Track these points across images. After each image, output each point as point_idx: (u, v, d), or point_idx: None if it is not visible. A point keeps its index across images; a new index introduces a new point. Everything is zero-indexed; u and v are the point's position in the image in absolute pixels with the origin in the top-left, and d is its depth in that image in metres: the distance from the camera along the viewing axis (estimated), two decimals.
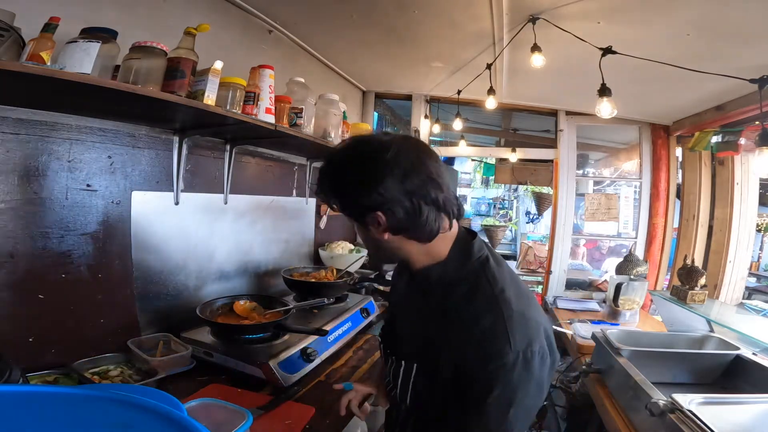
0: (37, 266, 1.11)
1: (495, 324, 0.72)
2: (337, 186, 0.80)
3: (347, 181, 0.78)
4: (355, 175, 0.77)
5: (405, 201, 0.74)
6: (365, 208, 0.76)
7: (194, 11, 1.53)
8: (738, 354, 1.52)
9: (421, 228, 0.76)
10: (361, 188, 0.75)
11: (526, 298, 0.80)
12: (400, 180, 0.73)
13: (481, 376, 0.71)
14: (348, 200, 0.79)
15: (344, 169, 0.79)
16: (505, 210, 8.47)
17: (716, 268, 2.58)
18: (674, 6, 1.46)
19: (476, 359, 0.72)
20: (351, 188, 0.77)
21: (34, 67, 0.79)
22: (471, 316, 0.75)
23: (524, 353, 0.71)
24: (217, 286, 1.73)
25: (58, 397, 0.58)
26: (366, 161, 0.77)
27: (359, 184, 0.75)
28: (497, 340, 0.71)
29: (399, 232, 0.77)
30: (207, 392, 1.17)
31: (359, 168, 0.77)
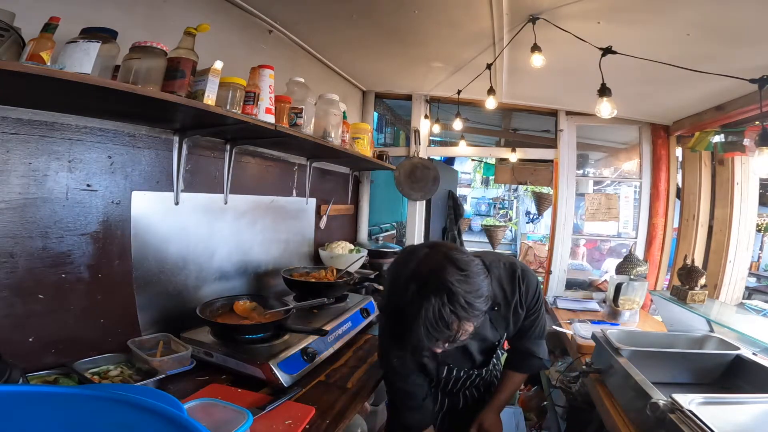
0: (37, 266, 1.11)
1: (523, 271, 1.27)
2: (484, 300, 0.98)
3: (486, 287, 1.01)
4: (483, 278, 1.01)
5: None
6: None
7: (194, 11, 1.53)
8: (738, 354, 1.52)
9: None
10: (483, 300, 0.99)
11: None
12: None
13: (535, 299, 1.30)
14: (489, 304, 1.04)
15: (481, 283, 0.99)
16: (505, 210, 8.48)
17: (716, 268, 2.58)
18: (674, 6, 1.46)
19: (530, 294, 1.28)
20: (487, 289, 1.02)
21: (34, 67, 0.79)
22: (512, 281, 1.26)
23: (534, 273, 1.32)
24: (217, 286, 1.73)
25: (58, 397, 0.58)
26: (482, 271, 1.04)
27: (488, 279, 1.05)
28: (531, 276, 1.28)
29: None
30: (207, 392, 1.17)
31: (482, 275, 1.02)
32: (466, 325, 0.96)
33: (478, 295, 0.95)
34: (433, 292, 0.90)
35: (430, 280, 0.92)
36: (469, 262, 0.97)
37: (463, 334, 0.97)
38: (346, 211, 2.94)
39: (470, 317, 0.94)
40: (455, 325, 0.93)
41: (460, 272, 0.93)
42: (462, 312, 0.91)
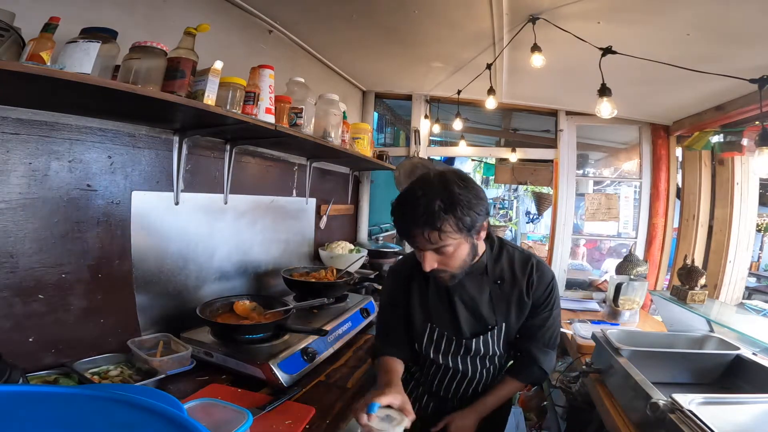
0: (37, 266, 1.11)
1: (538, 262, 1.23)
2: (466, 204, 1.00)
3: (473, 198, 1.02)
4: (477, 194, 1.04)
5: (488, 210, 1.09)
6: (482, 217, 1.04)
7: (194, 11, 1.53)
8: (738, 354, 1.52)
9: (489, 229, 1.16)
10: (481, 204, 1.04)
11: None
12: (485, 199, 1.07)
13: (547, 294, 1.23)
14: (475, 214, 1.02)
15: (464, 190, 1.02)
16: (505, 210, 8.47)
17: (716, 268, 2.58)
18: (674, 6, 1.46)
19: (542, 287, 1.22)
20: (477, 205, 1.02)
21: (34, 67, 0.79)
22: (524, 267, 1.22)
23: (552, 271, 1.26)
24: (217, 286, 1.73)
25: (58, 397, 0.58)
26: (474, 183, 1.07)
27: (481, 201, 1.04)
28: (546, 270, 1.24)
29: (484, 231, 1.11)
30: (207, 392, 1.17)
31: (475, 188, 1.05)
32: (450, 226, 0.99)
33: (474, 196, 1.01)
34: (432, 184, 1.02)
35: (433, 179, 1.04)
36: (472, 180, 1.07)
37: (447, 239, 1.01)
38: (346, 211, 2.94)
39: (458, 216, 0.99)
40: (442, 219, 0.99)
41: (461, 180, 1.04)
42: (451, 207, 0.98)
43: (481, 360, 1.28)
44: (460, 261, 1.08)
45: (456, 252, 1.05)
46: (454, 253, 1.05)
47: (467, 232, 1.02)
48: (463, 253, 1.07)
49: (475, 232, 1.05)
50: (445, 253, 1.04)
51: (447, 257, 1.06)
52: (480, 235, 1.09)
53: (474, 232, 1.05)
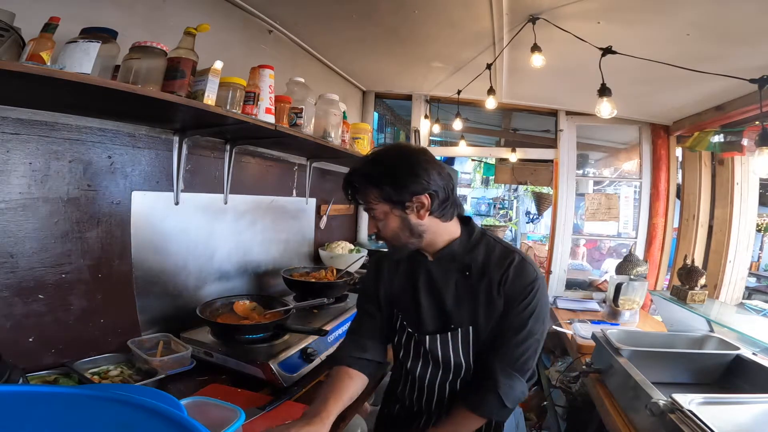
0: (37, 266, 1.11)
1: (521, 261, 1.05)
2: (391, 176, 0.98)
3: (402, 172, 0.98)
4: (409, 167, 0.99)
5: (441, 188, 1.01)
6: (414, 193, 0.98)
7: (194, 11, 1.53)
8: (738, 354, 1.52)
9: (448, 210, 1.04)
10: (413, 177, 0.98)
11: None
12: (438, 173, 1.01)
13: (523, 296, 1.02)
14: (400, 187, 0.98)
15: (398, 162, 1.00)
16: (505, 210, 8.47)
17: (716, 268, 2.58)
18: (674, 6, 1.46)
19: (518, 286, 1.02)
20: (405, 177, 0.98)
21: (34, 67, 0.79)
22: (502, 261, 1.05)
23: (540, 276, 1.05)
24: (217, 286, 1.73)
25: (58, 397, 0.58)
26: (415, 157, 1.01)
27: (412, 174, 0.98)
28: (528, 270, 1.04)
29: (434, 212, 1.01)
30: (207, 392, 1.17)
31: (411, 162, 1.00)
32: (372, 191, 1.00)
33: (407, 170, 0.98)
34: (381, 151, 1.07)
35: (387, 148, 1.08)
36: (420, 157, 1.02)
37: (371, 202, 1.01)
38: (346, 211, 2.94)
39: (378, 184, 0.99)
40: (365, 181, 1.01)
41: (406, 154, 1.03)
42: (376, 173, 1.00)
43: (445, 373, 1.09)
44: (390, 232, 1.03)
45: (386, 221, 1.02)
46: (385, 222, 1.02)
47: (392, 203, 0.99)
48: (393, 225, 1.02)
49: (403, 207, 0.99)
50: (376, 217, 1.03)
51: (380, 223, 1.04)
52: (419, 214, 1.00)
53: (401, 206, 0.99)
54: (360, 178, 1.02)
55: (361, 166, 1.03)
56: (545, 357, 2.77)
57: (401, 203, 0.99)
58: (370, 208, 1.03)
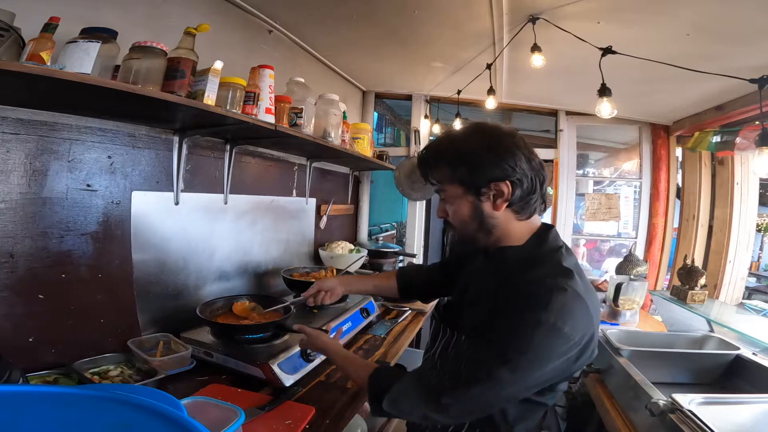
0: (37, 266, 1.11)
1: (544, 279, 0.78)
2: (469, 154, 0.85)
3: (483, 151, 0.84)
4: (492, 147, 0.85)
5: (531, 175, 0.85)
6: (494, 178, 0.83)
7: (194, 11, 1.53)
8: (738, 354, 1.52)
9: (530, 204, 0.87)
10: (496, 159, 0.83)
11: (592, 293, 0.82)
12: (527, 158, 0.85)
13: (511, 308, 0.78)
14: (478, 169, 0.84)
15: (479, 140, 0.86)
16: None
17: (716, 268, 2.58)
18: (674, 6, 1.46)
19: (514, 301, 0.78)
20: (484, 158, 0.84)
21: (34, 67, 0.79)
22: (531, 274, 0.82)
23: (556, 323, 0.73)
24: (217, 286, 1.73)
25: (58, 397, 0.58)
26: (500, 138, 0.86)
27: (494, 155, 0.84)
28: (539, 294, 0.76)
29: (512, 204, 0.86)
30: (207, 392, 1.17)
31: (494, 141, 0.86)
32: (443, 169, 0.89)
33: (484, 148, 0.85)
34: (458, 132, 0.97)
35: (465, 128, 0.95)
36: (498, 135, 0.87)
37: (443, 182, 0.90)
38: (346, 211, 2.94)
39: (450, 163, 0.88)
40: (438, 159, 0.90)
41: (482, 131, 0.88)
42: (449, 151, 0.89)
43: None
44: (459, 219, 0.90)
45: (456, 206, 0.89)
46: (454, 206, 0.90)
47: (466, 186, 0.86)
48: (463, 212, 0.88)
49: (478, 193, 0.85)
50: (446, 200, 0.91)
51: (449, 207, 0.92)
52: (495, 204, 0.85)
53: (476, 192, 0.85)
54: (433, 154, 0.90)
55: (437, 142, 0.93)
56: None
57: (476, 188, 0.85)
58: (441, 189, 0.91)
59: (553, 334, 0.73)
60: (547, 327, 0.73)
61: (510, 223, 0.88)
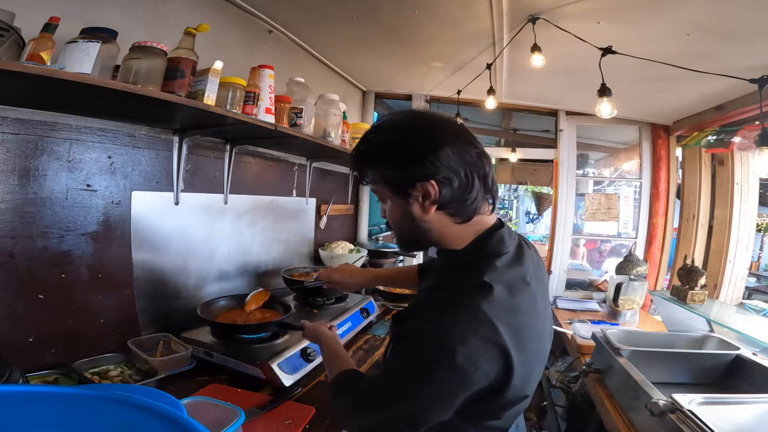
0: (37, 266, 1.11)
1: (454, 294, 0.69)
2: (387, 153, 0.75)
3: (401, 148, 0.73)
4: (412, 141, 0.73)
5: (461, 172, 0.72)
6: (417, 177, 0.72)
7: (194, 11, 1.53)
8: (738, 354, 1.52)
9: (466, 205, 0.74)
10: (418, 154, 0.71)
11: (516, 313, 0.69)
12: (459, 152, 0.72)
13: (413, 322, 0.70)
14: (398, 169, 0.73)
15: (398, 135, 0.75)
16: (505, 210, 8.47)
17: (716, 268, 2.58)
18: (674, 6, 1.46)
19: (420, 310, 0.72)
20: (407, 153, 0.72)
21: (34, 67, 0.79)
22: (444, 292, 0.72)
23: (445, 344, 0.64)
24: (217, 286, 1.73)
25: (58, 397, 0.58)
26: (423, 128, 0.75)
27: (415, 151, 0.72)
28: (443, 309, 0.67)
29: (444, 207, 0.74)
30: (207, 392, 1.17)
31: (415, 134, 0.74)
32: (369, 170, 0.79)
33: (402, 147, 0.74)
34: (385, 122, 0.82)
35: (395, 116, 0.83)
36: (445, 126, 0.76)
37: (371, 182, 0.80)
38: (346, 211, 2.94)
39: (372, 163, 0.78)
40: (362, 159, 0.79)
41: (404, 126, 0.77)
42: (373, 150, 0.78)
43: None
44: (392, 220, 0.80)
45: (389, 207, 0.80)
46: (388, 207, 0.80)
47: (390, 187, 0.76)
48: (395, 213, 0.78)
49: (405, 195, 0.74)
50: (380, 199, 0.82)
51: (385, 207, 0.82)
52: (424, 206, 0.74)
53: (403, 194, 0.74)
54: (359, 152, 0.79)
55: (363, 136, 0.80)
56: None
57: (401, 189, 0.74)
58: (374, 188, 0.81)
59: (440, 357, 0.64)
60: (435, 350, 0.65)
61: (447, 227, 0.76)
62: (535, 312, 0.74)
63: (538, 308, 0.75)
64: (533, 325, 0.73)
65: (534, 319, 0.73)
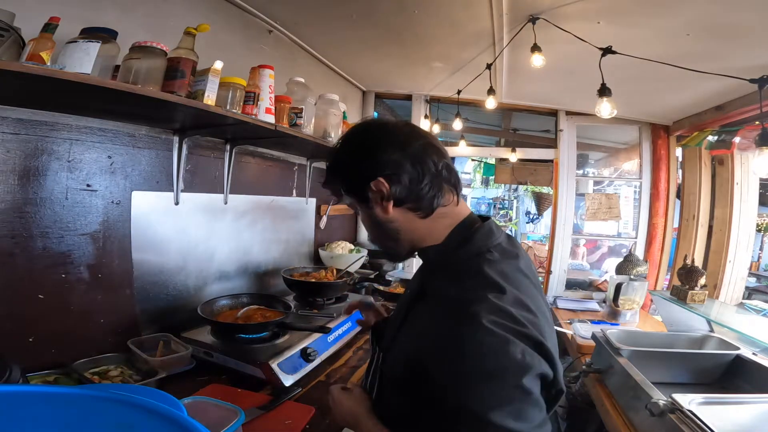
0: (37, 266, 1.11)
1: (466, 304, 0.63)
2: (341, 164, 0.79)
3: (349, 153, 0.78)
4: (356, 145, 0.78)
5: (407, 164, 0.72)
6: (367, 177, 0.73)
7: (194, 11, 1.53)
8: (738, 354, 1.52)
9: (423, 197, 0.73)
10: (361, 156, 0.75)
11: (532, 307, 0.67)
12: (401, 145, 0.74)
13: (436, 374, 0.61)
14: (351, 173, 0.77)
15: (347, 146, 0.80)
16: (505, 210, 8.48)
17: (716, 268, 2.58)
18: (674, 6, 1.46)
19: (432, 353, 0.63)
20: (352, 159, 0.77)
21: (34, 67, 0.79)
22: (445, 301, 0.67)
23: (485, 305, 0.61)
24: (217, 286, 1.73)
25: (58, 397, 0.58)
26: (365, 132, 0.80)
27: (360, 153, 0.76)
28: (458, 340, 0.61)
29: (402, 202, 0.74)
30: (207, 392, 1.17)
31: (359, 139, 0.79)
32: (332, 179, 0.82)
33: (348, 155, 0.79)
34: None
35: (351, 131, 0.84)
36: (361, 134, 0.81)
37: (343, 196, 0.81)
38: (346, 211, 2.94)
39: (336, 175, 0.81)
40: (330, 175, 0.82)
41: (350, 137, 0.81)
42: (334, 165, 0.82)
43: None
44: (367, 228, 0.83)
45: (361, 216, 0.82)
46: (361, 217, 0.82)
47: (351, 194, 0.79)
48: (365, 220, 0.81)
49: (365, 198, 0.76)
50: (356, 212, 0.86)
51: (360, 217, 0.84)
52: (382, 205, 0.74)
53: (362, 198, 0.76)
54: (326, 173, 0.83)
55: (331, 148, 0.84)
56: None
57: (358, 193, 0.76)
58: (347, 204, 0.83)
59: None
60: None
61: (413, 222, 0.76)
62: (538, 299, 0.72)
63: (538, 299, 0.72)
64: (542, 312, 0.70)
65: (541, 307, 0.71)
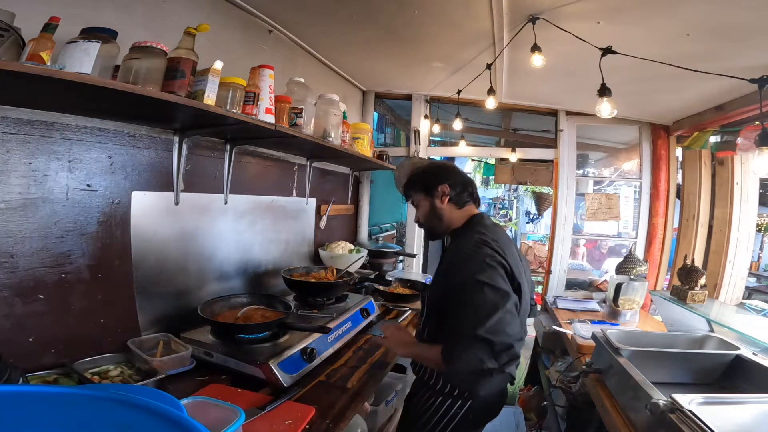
0: (37, 266, 1.11)
1: (478, 242, 1.23)
2: (425, 174, 1.42)
3: (432, 171, 1.44)
4: (437, 168, 1.47)
5: (458, 184, 1.38)
6: (438, 182, 1.37)
7: (194, 11, 1.53)
8: (738, 354, 1.52)
9: (462, 198, 1.38)
10: (440, 174, 1.40)
11: (500, 239, 1.29)
12: (459, 174, 1.43)
13: (454, 263, 1.26)
14: (430, 180, 1.39)
15: (430, 167, 1.49)
16: (505, 210, 8.48)
17: (716, 268, 2.58)
18: (674, 6, 1.46)
19: (454, 251, 1.29)
20: (434, 174, 1.41)
21: (34, 67, 0.79)
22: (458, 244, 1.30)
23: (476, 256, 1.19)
24: (217, 286, 1.73)
25: (58, 397, 0.58)
26: (442, 165, 1.56)
27: (439, 173, 1.42)
28: (468, 244, 1.24)
29: (450, 200, 1.36)
30: (207, 392, 1.17)
31: (438, 165, 1.57)
32: (412, 186, 1.44)
33: (424, 172, 1.44)
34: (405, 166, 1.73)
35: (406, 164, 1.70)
36: (431, 166, 1.52)
37: (412, 195, 1.44)
38: (346, 211, 2.94)
39: (414, 181, 1.43)
40: (408, 182, 1.46)
41: (423, 166, 1.50)
42: (412, 176, 1.45)
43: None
44: (422, 214, 1.41)
45: (421, 207, 1.41)
46: (420, 207, 1.41)
47: (424, 191, 1.39)
48: (425, 209, 1.40)
49: (432, 194, 1.37)
50: (415, 205, 1.43)
51: (417, 210, 1.42)
52: (441, 199, 1.36)
53: (430, 193, 1.37)
54: (408, 180, 1.45)
55: (410, 174, 1.47)
56: (545, 357, 2.77)
57: (430, 190, 1.38)
58: (413, 200, 1.44)
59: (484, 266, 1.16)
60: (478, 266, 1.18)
61: (452, 212, 1.38)
62: (513, 251, 1.30)
63: (515, 254, 1.31)
64: (514, 259, 1.25)
65: (515, 258, 1.26)
